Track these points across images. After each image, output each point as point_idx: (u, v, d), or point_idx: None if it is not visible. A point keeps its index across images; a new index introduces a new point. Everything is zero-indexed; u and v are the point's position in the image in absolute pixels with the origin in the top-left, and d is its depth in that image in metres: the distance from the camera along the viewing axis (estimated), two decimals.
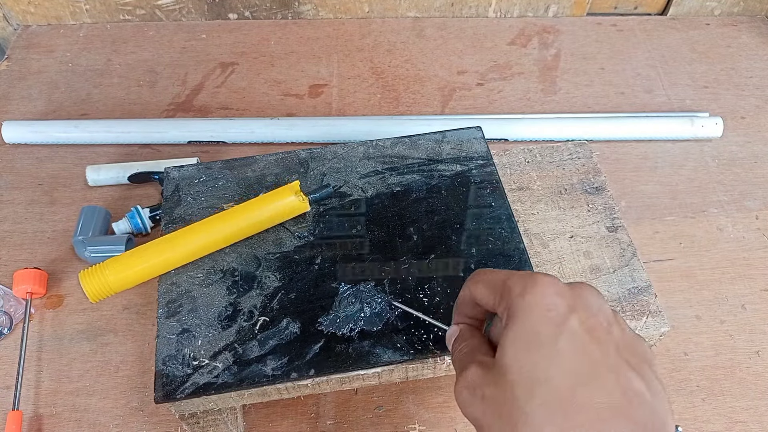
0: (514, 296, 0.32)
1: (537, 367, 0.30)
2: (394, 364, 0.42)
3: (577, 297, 0.33)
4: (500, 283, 0.34)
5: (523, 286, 0.32)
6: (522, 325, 0.31)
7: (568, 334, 0.31)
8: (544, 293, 0.32)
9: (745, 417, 0.57)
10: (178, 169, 0.54)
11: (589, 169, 0.55)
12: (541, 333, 0.31)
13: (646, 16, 0.97)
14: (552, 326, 0.31)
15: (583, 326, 0.31)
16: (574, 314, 0.31)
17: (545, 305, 0.32)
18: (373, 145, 0.55)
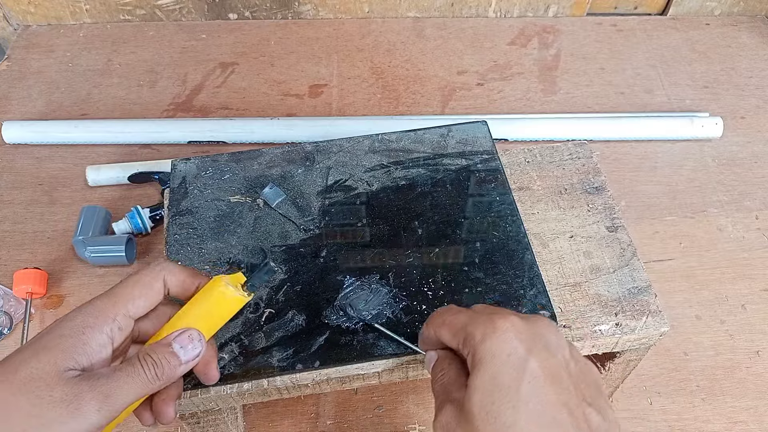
0: (476, 343, 0.33)
1: (501, 414, 0.31)
2: (399, 356, 0.42)
3: (535, 337, 0.34)
4: (461, 327, 0.35)
5: (483, 333, 0.33)
6: (485, 372, 0.32)
7: (528, 379, 0.32)
8: (504, 339, 0.33)
9: (745, 417, 0.57)
10: (184, 162, 0.54)
11: (589, 169, 0.55)
12: (504, 380, 0.32)
13: (646, 16, 0.97)
14: (513, 372, 0.32)
15: (542, 369, 0.32)
16: (533, 357, 0.32)
17: (505, 351, 0.33)
18: (378, 139, 0.55)
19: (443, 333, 0.37)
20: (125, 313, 0.35)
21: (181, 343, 0.35)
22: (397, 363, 0.43)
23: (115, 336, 0.34)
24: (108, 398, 0.32)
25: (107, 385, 0.32)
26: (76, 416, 0.31)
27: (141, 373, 0.34)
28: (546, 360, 0.33)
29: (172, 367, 0.35)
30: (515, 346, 0.33)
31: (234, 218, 0.50)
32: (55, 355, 0.32)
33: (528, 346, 0.33)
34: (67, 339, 0.33)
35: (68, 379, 0.31)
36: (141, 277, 0.37)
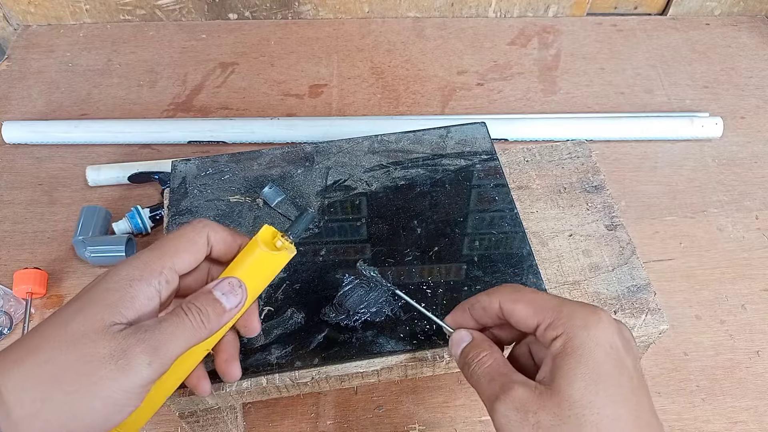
0: (576, 328, 0.32)
1: (606, 407, 0.30)
2: (397, 354, 0.42)
3: (623, 336, 0.33)
4: (552, 308, 0.34)
5: (585, 320, 0.33)
6: (589, 359, 0.31)
7: (628, 377, 0.32)
8: (608, 330, 0.32)
9: (745, 417, 0.57)
10: (185, 162, 0.54)
11: (588, 167, 0.55)
12: (608, 372, 0.31)
13: (646, 16, 0.97)
14: (616, 367, 0.31)
15: (635, 369, 0.32)
16: (629, 355, 0.32)
17: (609, 343, 0.32)
18: (377, 139, 0.56)
19: (519, 308, 0.35)
20: (171, 267, 0.34)
21: (222, 290, 0.34)
22: (396, 361, 0.43)
23: (162, 289, 0.34)
24: (157, 350, 0.31)
25: (155, 336, 0.31)
26: (126, 372, 0.30)
27: (186, 322, 0.33)
28: (635, 361, 0.33)
29: (217, 314, 0.34)
30: (616, 341, 0.32)
31: (234, 218, 0.50)
32: (101, 309, 0.31)
33: (623, 344, 0.33)
34: (114, 293, 0.32)
35: (114, 334, 0.30)
36: (185, 232, 0.36)
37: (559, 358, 0.32)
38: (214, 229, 0.36)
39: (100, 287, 0.32)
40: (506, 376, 0.34)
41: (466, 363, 0.36)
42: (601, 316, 0.33)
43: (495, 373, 0.34)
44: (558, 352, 0.32)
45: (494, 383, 0.34)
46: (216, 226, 0.37)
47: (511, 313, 0.35)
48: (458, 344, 0.37)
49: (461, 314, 0.38)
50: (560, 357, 0.32)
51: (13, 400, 0.28)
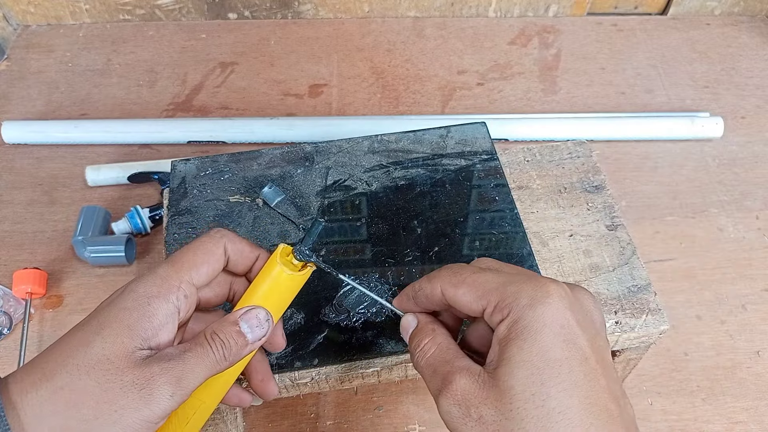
0: (521, 308, 0.29)
1: (551, 397, 0.27)
2: (397, 354, 0.42)
3: (583, 310, 0.30)
4: (493, 288, 0.30)
5: (531, 297, 0.29)
6: (533, 343, 0.28)
7: (581, 359, 0.28)
8: (557, 307, 0.29)
9: (745, 417, 0.57)
10: (184, 162, 0.54)
11: (588, 167, 0.55)
12: (555, 357, 0.28)
13: (646, 16, 0.97)
14: (566, 349, 0.28)
15: (592, 348, 0.29)
16: (584, 333, 0.29)
17: (558, 322, 0.28)
18: (377, 139, 0.55)
19: (461, 293, 0.31)
20: (189, 281, 0.33)
21: (248, 322, 0.33)
22: (396, 361, 0.43)
23: (181, 305, 0.32)
24: (180, 381, 0.30)
25: (178, 367, 0.30)
26: (149, 402, 0.29)
27: (210, 354, 0.31)
28: (594, 338, 0.29)
29: (239, 347, 0.32)
30: (567, 318, 0.29)
31: (233, 218, 0.50)
32: (122, 332, 0.30)
33: (578, 320, 0.29)
34: (132, 312, 0.30)
35: (138, 361, 0.29)
36: (202, 244, 0.34)
37: (503, 343, 0.29)
38: (231, 239, 0.35)
39: (118, 306, 0.31)
40: (449, 364, 0.31)
41: (412, 351, 0.34)
42: (550, 290, 0.29)
43: (438, 362, 0.31)
44: (503, 336, 0.29)
45: (436, 375, 0.31)
46: (233, 236, 0.36)
47: (453, 300, 0.32)
48: (406, 330, 0.35)
49: (407, 301, 0.36)
50: (504, 342, 0.29)
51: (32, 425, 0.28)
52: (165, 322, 0.31)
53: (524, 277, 0.31)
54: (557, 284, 0.30)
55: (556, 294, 0.29)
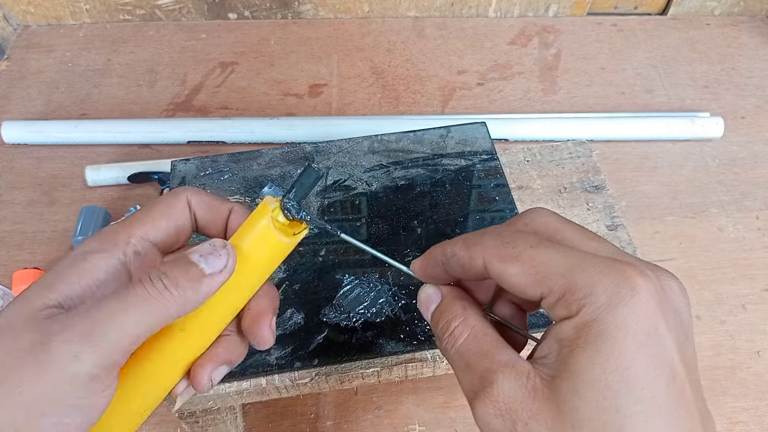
0: (598, 306, 0.22)
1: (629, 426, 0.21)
2: (397, 354, 0.42)
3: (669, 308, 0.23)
4: (561, 274, 0.23)
5: (611, 294, 0.22)
6: (609, 357, 0.22)
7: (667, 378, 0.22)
8: (644, 309, 0.22)
9: (745, 417, 0.57)
10: (184, 162, 0.54)
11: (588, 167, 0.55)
12: (638, 376, 0.22)
13: (646, 16, 0.97)
14: (651, 365, 0.22)
15: (683, 362, 0.23)
16: (672, 341, 0.22)
17: (644, 329, 0.22)
18: (377, 139, 0.56)
19: (512, 272, 0.24)
20: (143, 236, 0.28)
21: (200, 252, 0.26)
22: (396, 361, 0.43)
23: (130, 261, 0.27)
24: (88, 336, 0.23)
25: (87, 318, 0.23)
26: (46, 368, 0.22)
27: (141, 293, 0.24)
28: (683, 347, 0.23)
29: (190, 278, 0.25)
30: (656, 323, 0.22)
31: None
32: (36, 291, 0.24)
33: (668, 323, 0.23)
34: (61, 269, 0.25)
35: (40, 321, 0.23)
36: (161, 200, 0.29)
37: (568, 348, 0.22)
38: (195, 192, 0.30)
39: (54, 266, 0.26)
40: (487, 357, 0.24)
41: (438, 334, 0.27)
42: (636, 285, 0.22)
43: (472, 353, 0.25)
44: (568, 338, 0.23)
45: (471, 371, 0.25)
46: (197, 190, 0.30)
47: (501, 277, 0.25)
48: (426, 306, 0.28)
49: (432, 267, 0.28)
50: (570, 347, 0.22)
51: None
52: (105, 279, 0.26)
53: (600, 262, 0.23)
54: (644, 275, 0.23)
55: (644, 290, 0.22)
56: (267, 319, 0.29)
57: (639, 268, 0.23)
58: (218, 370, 0.29)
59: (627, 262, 0.23)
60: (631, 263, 0.23)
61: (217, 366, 0.29)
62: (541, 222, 0.27)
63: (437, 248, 0.28)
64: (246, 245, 0.29)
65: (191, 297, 0.25)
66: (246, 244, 0.29)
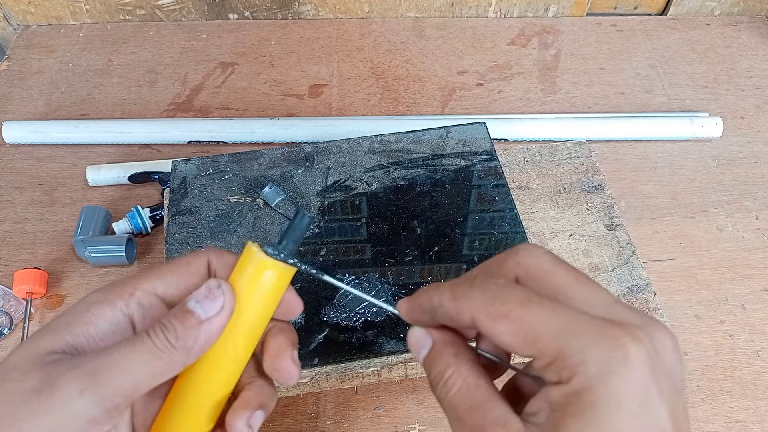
0: (589, 376, 0.22)
1: None
2: (397, 353, 0.43)
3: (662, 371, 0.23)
4: (552, 337, 0.23)
5: (603, 362, 0.22)
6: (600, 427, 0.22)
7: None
8: (637, 378, 0.22)
9: (745, 417, 0.57)
10: (185, 162, 0.54)
11: (588, 167, 0.55)
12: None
13: (646, 16, 0.97)
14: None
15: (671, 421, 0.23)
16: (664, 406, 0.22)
17: (636, 399, 0.22)
18: (377, 140, 0.56)
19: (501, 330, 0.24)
20: (149, 290, 0.28)
21: (196, 298, 0.27)
22: (395, 361, 0.43)
23: (134, 314, 0.27)
24: (94, 376, 0.24)
25: (94, 361, 0.24)
26: (50, 406, 0.23)
27: (146, 342, 0.25)
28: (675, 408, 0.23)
29: (188, 328, 0.26)
30: (649, 391, 0.22)
31: (234, 218, 0.51)
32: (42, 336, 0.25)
33: (660, 389, 0.22)
34: (67, 317, 0.26)
35: (46, 363, 0.24)
36: (182, 257, 0.29)
37: (560, 415, 0.22)
38: (217, 253, 0.30)
39: (61, 315, 0.27)
40: (478, 413, 0.24)
41: (431, 381, 0.27)
42: (630, 354, 0.22)
43: (464, 406, 0.25)
44: (559, 403, 0.23)
45: (463, 425, 0.25)
46: (221, 251, 0.30)
47: (490, 335, 0.24)
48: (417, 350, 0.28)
49: (420, 314, 0.28)
50: (560, 412, 0.22)
51: None
52: (109, 330, 0.27)
53: (592, 326, 0.23)
54: (637, 341, 0.22)
55: (637, 358, 0.22)
56: (288, 353, 0.29)
57: (632, 332, 0.23)
58: (255, 416, 0.28)
59: (619, 325, 0.23)
60: (624, 325, 0.23)
61: (252, 411, 0.28)
62: (534, 263, 0.26)
63: (423, 295, 0.27)
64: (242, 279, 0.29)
65: (192, 345, 0.26)
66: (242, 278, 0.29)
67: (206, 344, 0.27)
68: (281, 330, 0.30)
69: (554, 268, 0.26)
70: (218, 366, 0.28)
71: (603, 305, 0.25)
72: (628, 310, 0.25)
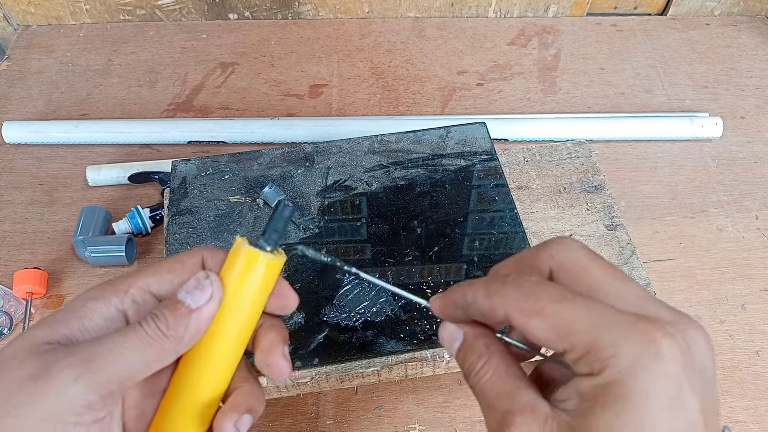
0: (620, 369, 0.22)
1: None
2: (397, 353, 0.43)
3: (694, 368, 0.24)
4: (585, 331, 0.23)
5: (635, 356, 0.22)
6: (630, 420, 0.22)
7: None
8: (668, 373, 0.22)
9: (745, 417, 0.57)
10: (185, 162, 0.54)
11: (588, 168, 0.55)
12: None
13: (646, 16, 0.97)
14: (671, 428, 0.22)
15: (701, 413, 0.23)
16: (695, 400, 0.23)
17: (667, 394, 0.22)
18: (377, 139, 0.56)
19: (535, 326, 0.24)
20: (143, 287, 0.29)
21: (186, 289, 0.28)
22: (396, 361, 0.43)
23: (128, 310, 0.28)
24: (88, 363, 0.25)
25: (87, 349, 0.25)
26: (46, 392, 0.24)
27: (139, 331, 0.27)
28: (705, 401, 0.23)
29: (179, 317, 0.27)
30: (681, 387, 0.22)
31: (234, 218, 0.51)
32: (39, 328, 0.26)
33: (692, 384, 0.23)
34: (64, 312, 0.27)
35: (42, 352, 0.25)
36: (176, 255, 0.30)
37: (589, 404, 0.23)
38: (211, 251, 0.31)
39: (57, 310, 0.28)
40: (508, 398, 0.25)
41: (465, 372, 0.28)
42: (662, 349, 0.22)
43: (495, 394, 0.26)
44: (589, 393, 0.23)
45: (492, 411, 0.25)
46: (215, 249, 0.31)
47: (524, 330, 0.25)
48: (450, 344, 0.29)
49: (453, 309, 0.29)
50: (590, 402, 0.23)
51: None
52: (102, 325, 0.28)
53: (625, 321, 0.24)
54: (669, 336, 0.23)
55: (669, 354, 0.23)
56: (279, 349, 0.30)
57: (664, 327, 0.24)
58: (243, 419, 0.29)
59: (652, 320, 0.24)
60: (657, 321, 0.24)
61: (240, 414, 0.29)
62: (568, 256, 0.27)
63: (457, 291, 0.28)
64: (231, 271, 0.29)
65: (183, 334, 0.27)
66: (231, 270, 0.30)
67: (197, 333, 0.28)
68: (273, 326, 0.31)
69: (590, 263, 0.26)
70: (212, 359, 0.29)
71: (636, 301, 0.25)
72: (662, 307, 0.26)
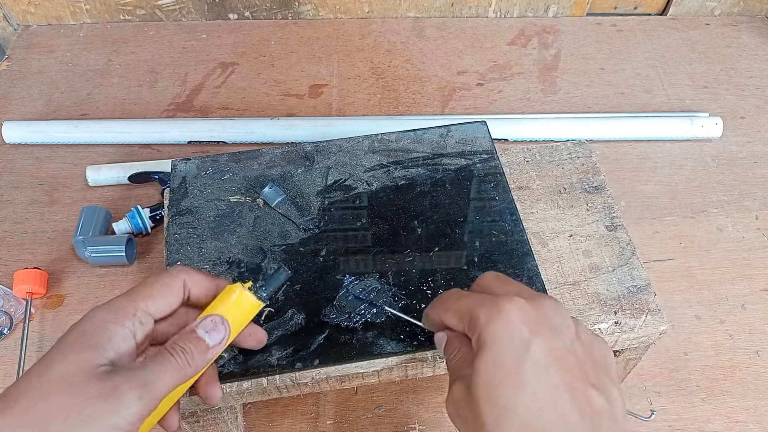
0: (481, 325, 0.34)
1: (502, 396, 0.32)
2: (398, 354, 0.42)
3: (540, 319, 0.34)
4: (465, 311, 0.35)
5: (487, 315, 0.34)
6: (487, 354, 0.33)
7: (530, 363, 0.32)
8: (507, 321, 0.33)
9: (744, 417, 0.57)
10: (185, 162, 0.54)
11: (588, 168, 0.55)
12: (505, 363, 0.32)
13: (646, 16, 0.97)
14: (515, 355, 0.32)
15: (545, 351, 0.32)
16: (537, 339, 0.33)
17: (508, 334, 0.33)
18: (378, 139, 0.56)
19: (448, 318, 0.37)
20: (145, 310, 0.35)
21: (205, 328, 0.36)
22: (396, 361, 0.43)
23: (136, 331, 0.34)
24: (146, 386, 0.32)
25: (143, 374, 0.32)
26: (116, 408, 0.30)
27: (172, 361, 0.34)
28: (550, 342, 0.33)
29: (201, 352, 0.35)
30: (519, 329, 0.33)
31: (234, 218, 0.50)
32: (83, 351, 0.32)
33: (532, 329, 0.33)
34: (91, 335, 0.33)
35: (101, 375, 0.31)
36: (160, 278, 0.37)
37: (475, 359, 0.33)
38: (189, 273, 0.37)
39: (77, 331, 0.33)
40: (459, 371, 0.35)
41: (446, 359, 0.38)
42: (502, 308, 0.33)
43: (454, 368, 0.36)
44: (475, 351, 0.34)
45: (451, 378, 0.36)
46: (192, 270, 0.38)
47: (448, 324, 0.37)
48: (440, 345, 0.39)
49: (431, 324, 0.40)
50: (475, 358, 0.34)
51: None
52: (121, 345, 0.33)
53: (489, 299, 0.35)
54: (512, 301, 0.34)
55: (507, 310, 0.33)
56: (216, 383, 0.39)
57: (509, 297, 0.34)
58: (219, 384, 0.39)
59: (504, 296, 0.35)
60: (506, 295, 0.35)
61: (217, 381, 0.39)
62: (482, 278, 0.39)
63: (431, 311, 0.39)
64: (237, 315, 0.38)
65: (201, 363, 0.35)
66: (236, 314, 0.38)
67: (208, 364, 0.36)
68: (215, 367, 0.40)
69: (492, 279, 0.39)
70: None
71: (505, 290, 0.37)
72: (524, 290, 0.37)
